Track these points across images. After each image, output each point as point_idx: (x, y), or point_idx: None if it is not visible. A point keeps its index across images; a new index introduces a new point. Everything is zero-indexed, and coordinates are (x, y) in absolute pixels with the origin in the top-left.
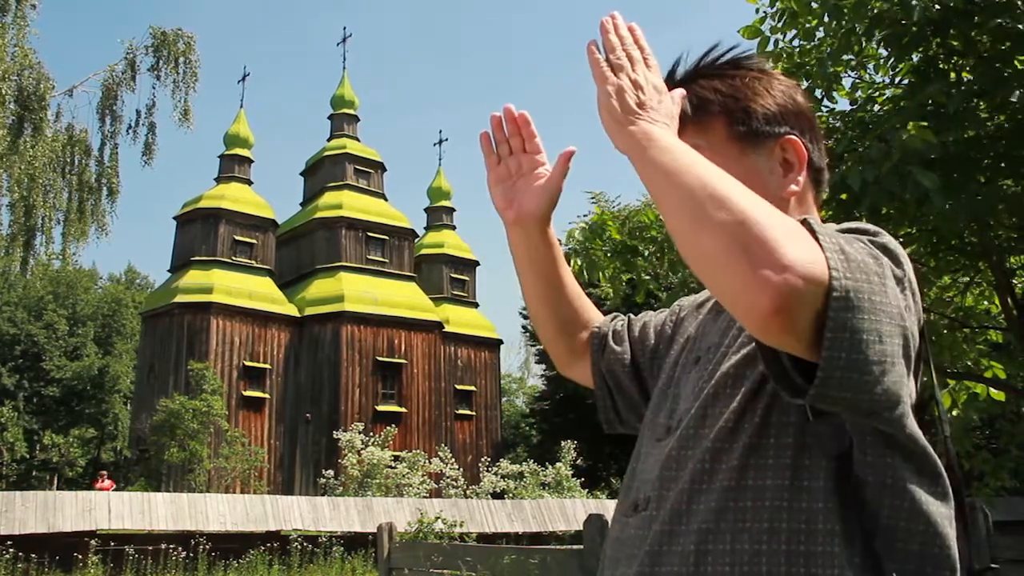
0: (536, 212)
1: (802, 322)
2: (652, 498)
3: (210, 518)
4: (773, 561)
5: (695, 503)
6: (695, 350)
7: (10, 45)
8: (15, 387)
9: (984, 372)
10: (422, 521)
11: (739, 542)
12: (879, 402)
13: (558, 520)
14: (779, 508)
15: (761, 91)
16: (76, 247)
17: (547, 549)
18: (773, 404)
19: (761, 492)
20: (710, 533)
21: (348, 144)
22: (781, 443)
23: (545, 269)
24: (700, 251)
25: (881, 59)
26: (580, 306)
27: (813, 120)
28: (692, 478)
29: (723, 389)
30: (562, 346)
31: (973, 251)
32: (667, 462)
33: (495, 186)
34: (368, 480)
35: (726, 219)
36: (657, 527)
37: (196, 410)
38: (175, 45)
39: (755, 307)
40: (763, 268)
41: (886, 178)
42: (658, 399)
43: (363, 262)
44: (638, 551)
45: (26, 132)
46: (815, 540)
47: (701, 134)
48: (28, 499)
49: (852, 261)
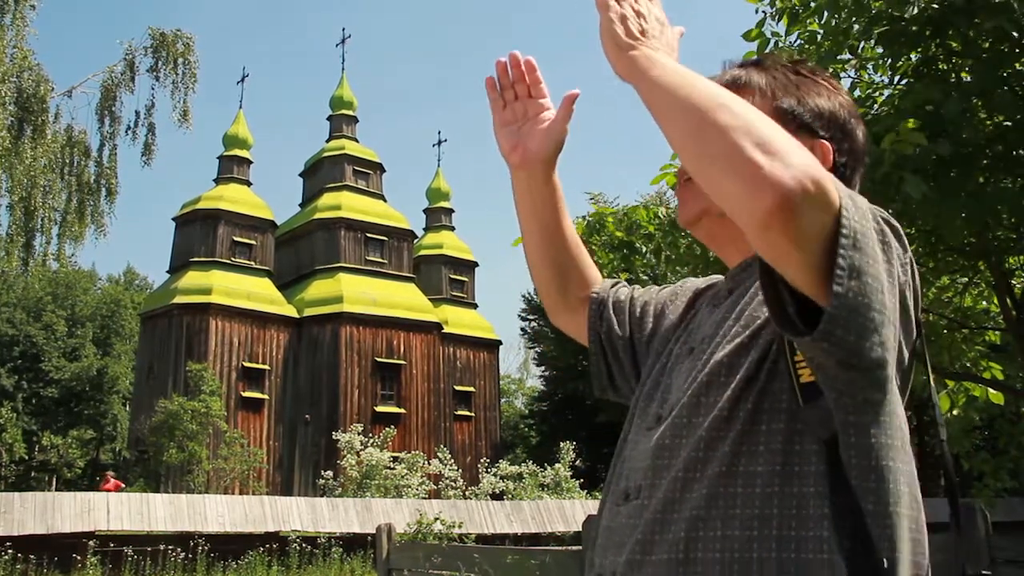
0: (541, 155)
1: (804, 231)
2: (644, 487)
3: (209, 519)
4: (764, 546)
5: (688, 491)
6: (689, 341)
7: (9, 47)
8: (14, 388)
9: (983, 373)
10: (421, 522)
11: (730, 528)
12: (874, 355)
13: (557, 521)
14: (770, 494)
15: (823, 93)
16: (74, 248)
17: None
18: (766, 391)
19: (752, 478)
20: (700, 520)
21: (347, 145)
22: (772, 429)
23: (546, 215)
24: (709, 152)
25: (879, 58)
26: (579, 257)
27: (859, 151)
28: (686, 466)
29: (717, 378)
30: (555, 295)
31: (972, 252)
32: (659, 451)
33: (500, 130)
34: (367, 481)
35: (735, 122)
36: (648, 515)
37: (195, 411)
38: (174, 46)
39: (761, 199)
40: (774, 161)
41: (882, 182)
42: (650, 388)
43: (362, 263)
44: (628, 539)
45: (26, 133)
46: (806, 525)
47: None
48: (27, 500)
49: (859, 209)
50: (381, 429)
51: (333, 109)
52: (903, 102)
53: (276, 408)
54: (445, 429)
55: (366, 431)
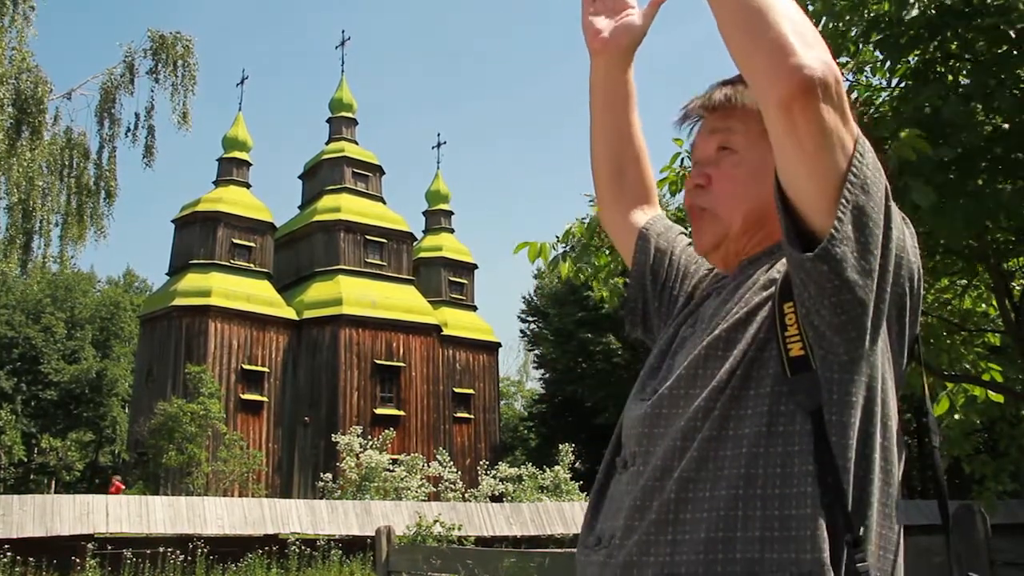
0: (621, 43)
1: (821, 120)
2: (638, 453)
3: (208, 521)
4: (749, 504)
5: (682, 460)
6: (695, 324)
7: (8, 48)
8: (13, 390)
9: (982, 375)
10: (420, 524)
11: (717, 488)
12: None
13: (556, 523)
14: (756, 455)
15: None
16: (74, 250)
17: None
18: (756, 359)
19: (739, 440)
20: (690, 482)
21: (346, 147)
22: (760, 393)
23: (618, 105)
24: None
25: (877, 62)
26: (641, 159)
27: None
28: (683, 435)
29: (714, 351)
30: (612, 188)
31: (971, 254)
32: (654, 419)
33: (586, 18)
34: (366, 483)
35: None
36: (643, 481)
37: (194, 413)
38: (174, 48)
39: (790, 77)
40: (808, 49)
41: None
42: (653, 363)
43: (361, 265)
44: (624, 504)
45: (24, 135)
46: (790, 482)
47: (740, 119)
48: (26, 503)
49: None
50: (380, 431)
51: (332, 111)
52: (902, 105)
53: (275, 410)
54: (444, 431)
55: (365, 433)
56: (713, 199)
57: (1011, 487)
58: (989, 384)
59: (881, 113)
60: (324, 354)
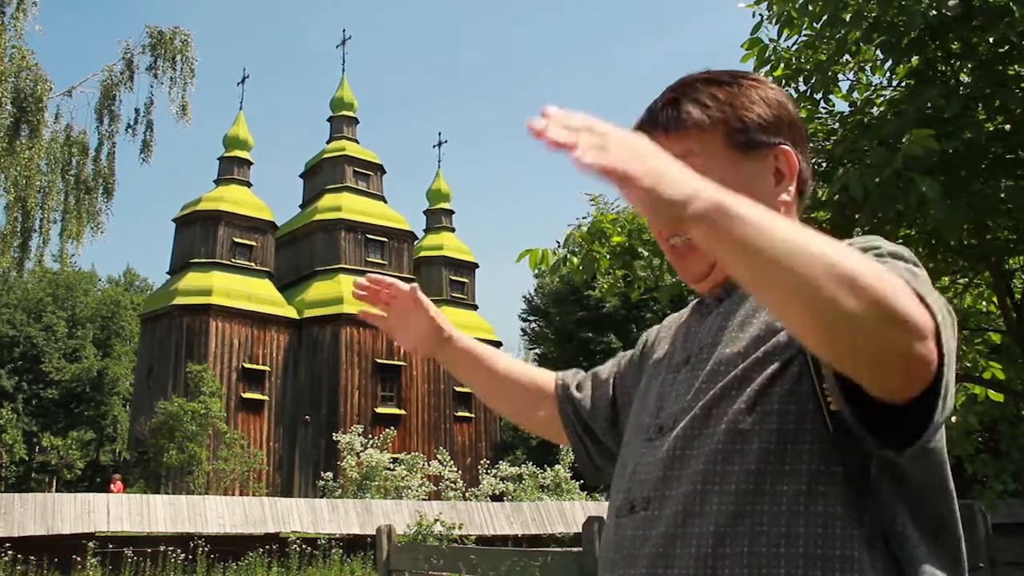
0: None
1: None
2: (652, 498)
3: (209, 520)
4: (791, 564)
5: (707, 504)
6: (683, 350)
7: (8, 46)
8: (14, 389)
9: (983, 374)
10: (421, 523)
11: (757, 545)
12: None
13: (557, 522)
14: (796, 512)
15: (757, 99)
16: (74, 247)
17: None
18: (788, 411)
19: (779, 497)
20: (727, 536)
21: (347, 146)
22: (798, 448)
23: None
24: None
25: (878, 61)
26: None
27: (803, 131)
28: (704, 479)
29: (729, 391)
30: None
31: (972, 253)
32: (669, 462)
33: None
34: (367, 482)
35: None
36: (663, 528)
37: (195, 412)
38: (172, 43)
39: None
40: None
41: (887, 183)
42: (638, 403)
43: (362, 264)
44: (639, 552)
45: (22, 134)
46: (833, 544)
47: (696, 139)
48: (27, 501)
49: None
50: (381, 430)
51: (333, 110)
52: (905, 105)
53: (276, 409)
54: (445, 430)
55: (366, 432)
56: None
57: (1012, 487)
58: (990, 383)
59: (882, 113)
60: (325, 353)
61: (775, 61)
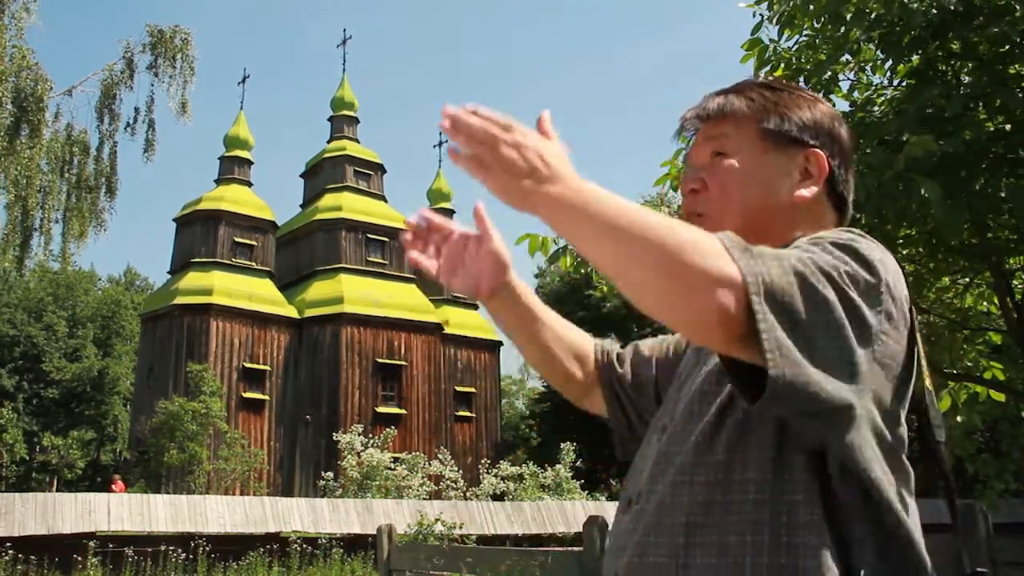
0: (498, 277)
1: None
2: (643, 492)
3: (209, 520)
4: (757, 551)
5: (679, 495)
6: (695, 352)
7: (8, 46)
8: (15, 389)
9: (983, 374)
10: (422, 523)
11: (726, 534)
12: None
13: (558, 522)
14: (762, 501)
15: (803, 105)
16: (76, 246)
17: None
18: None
19: (745, 486)
20: (697, 527)
21: (348, 146)
22: (762, 439)
23: (533, 319)
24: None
25: (878, 60)
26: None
27: (846, 148)
28: (678, 471)
29: (709, 386)
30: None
31: (972, 252)
32: (658, 458)
33: (452, 280)
34: (368, 482)
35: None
36: (646, 519)
37: (195, 412)
38: (172, 42)
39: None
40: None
41: (889, 184)
42: (666, 403)
43: (363, 264)
44: (627, 543)
45: (23, 133)
46: (796, 532)
47: (733, 125)
48: (27, 501)
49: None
50: (382, 430)
51: (334, 110)
52: (905, 104)
53: (277, 409)
54: (446, 430)
55: (367, 432)
56: (709, 203)
57: (1013, 486)
58: (991, 383)
59: (883, 112)
60: (325, 352)
61: (775, 61)
